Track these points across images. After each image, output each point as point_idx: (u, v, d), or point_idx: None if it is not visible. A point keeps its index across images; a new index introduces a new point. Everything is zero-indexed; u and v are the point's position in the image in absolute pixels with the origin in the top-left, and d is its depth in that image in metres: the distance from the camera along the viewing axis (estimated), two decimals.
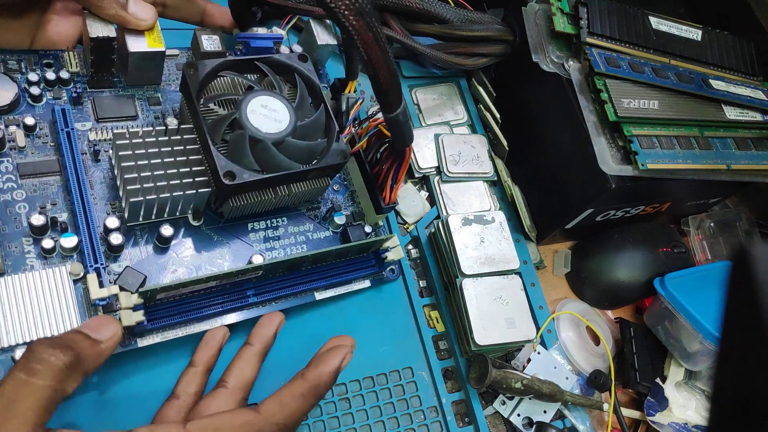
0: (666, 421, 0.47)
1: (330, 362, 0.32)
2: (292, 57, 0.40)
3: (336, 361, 0.33)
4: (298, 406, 0.30)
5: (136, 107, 0.42)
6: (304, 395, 0.31)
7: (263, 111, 0.37)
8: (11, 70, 0.39)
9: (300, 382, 0.31)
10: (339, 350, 0.33)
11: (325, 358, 0.33)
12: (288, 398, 0.30)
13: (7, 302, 0.33)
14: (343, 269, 0.42)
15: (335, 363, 0.33)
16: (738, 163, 0.47)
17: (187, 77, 0.36)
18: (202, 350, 0.36)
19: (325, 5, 0.30)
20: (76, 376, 0.27)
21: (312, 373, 0.32)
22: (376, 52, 0.31)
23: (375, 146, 0.43)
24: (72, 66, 0.40)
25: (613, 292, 0.51)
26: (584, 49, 0.47)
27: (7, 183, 0.36)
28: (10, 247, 0.34)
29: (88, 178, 0.37)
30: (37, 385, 0.25)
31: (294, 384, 0.31)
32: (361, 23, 0.30)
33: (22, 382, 0.25)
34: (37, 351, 0.26)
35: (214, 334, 0.36)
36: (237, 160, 0.36)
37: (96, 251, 0.35)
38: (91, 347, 0.28)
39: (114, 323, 0.30)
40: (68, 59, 0.40)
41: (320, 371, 0.32)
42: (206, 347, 0.36)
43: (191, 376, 0.35)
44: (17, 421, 0.25)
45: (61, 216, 0.36)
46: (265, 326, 0.37)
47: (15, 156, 0.37)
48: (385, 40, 0.32)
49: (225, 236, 0.41)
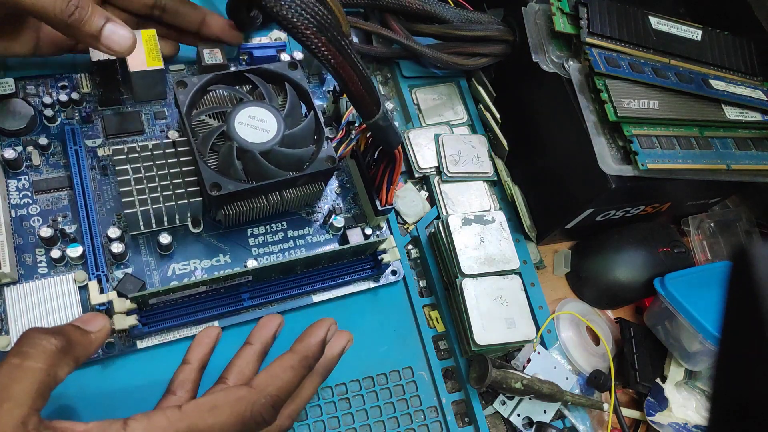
0: (666, 421, 0.47)
1: (316, 333, 0.34)
2: (281, 65, 0.41)
3: (321, 332, 0.34)
4: (289, 378, 0.31)
5: (143, 122, 0.44)
6: (293, 367, 0.32)
7: (251, 122, 0.38)
8: (29, 94, 0.42)
9: (289, 355, 0.32)
10: (323, 322, 0.35)
11: (310, 331, 0.34)
12: (279, 370, 0.31)
13: (19, 308, 0.36)
14: (341, 272, 0.42)
15: (321, 333, 0.34)
16: (738, 163, 0.47)
17: (177, 94, 0.38)
18: (196, 348, 0.36)
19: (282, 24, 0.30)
20: (68, 361, 0.28)
21: (299, 345, 0.33)
22: (342, 64, 0.32)
23: (371, 149, 0.43)
24: (84, 87, 0.43)
25: (613, 292, 0.51)
26: (584, 49, 0.47)
27: (24, 199, 0.39)
28: (24, 258, 0.38)
29: (96, 192, 0.40)
30: (30, 368, 0.26)
31: (284, 358, 0.32)
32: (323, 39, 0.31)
33: (16, 366, 0.26)
34: (30, 336, 0.27)
35: (207, 333, 0.37)
36: (225, 170, 0.37)
37: (98, 260, 0.38)
38: (81, 336, 0.29)
39: (103, 318, 0.31)
40: (81, 81, 0.43)
41: (307, 342, 0.33)
42: (200, 345, 0.36)
43: (185, 373, 0.35)
44: (12, 404, 0.25)
45: (70, 228, 0.39)
46: (265, 327, 0.37)
47: (31, 174, 0.40)
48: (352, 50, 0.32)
49: (225, 242, 0.42)
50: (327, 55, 0.32)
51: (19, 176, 0.40)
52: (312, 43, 0.31)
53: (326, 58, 0.32)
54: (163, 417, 0.27)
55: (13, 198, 0.39)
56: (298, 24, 0.30)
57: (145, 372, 0.37)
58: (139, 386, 0.37)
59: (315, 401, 0.40)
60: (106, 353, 0.37)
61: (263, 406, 0.30)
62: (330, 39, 0.31)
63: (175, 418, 0.28)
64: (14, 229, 0.38)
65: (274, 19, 0.30)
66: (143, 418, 0.27)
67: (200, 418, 0.28)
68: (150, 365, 0.38)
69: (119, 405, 0.36)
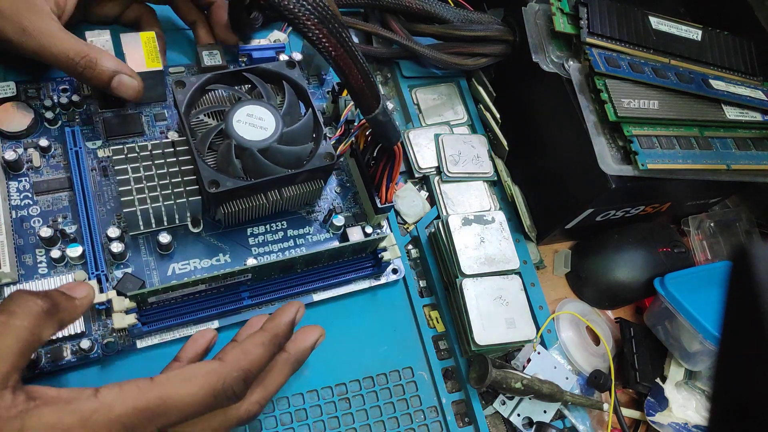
0: (666, 421, 0.47)
1: (285, 314, 0.35)
2: (279, 65, 0.41)
3: (290, 312, 0.35)
4: (260, 353, 0.32)
5: (143, 123, 0.44)
6: (264, 343, 0.32)
7: (249, 120, 0.38)
8: (30, 97, 0.42)
9: (260, 332, 0.33)
10: (292, 305, 0.36)
11: (279, 311, 0.36)
12: (250, 346, 0.32)
13: None
14: (341, 270, 0.42)
15: (290, 314, 0.35)
16: (738, 163, 0.47)
17: (175, 94, 0.38)
18: (190, 347, 0.36)
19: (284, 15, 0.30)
20: (53, 323, 0.29)
21: (270, 323, 0.34)
22: (343, 57, 0.33)
23: (370, 147, 0.43)
24: (84, 90, 0.43)
25: (613, 292, 0.51)
26: (584, 49, 0.47)
27: (25, 200, 0.39)
28: (24, 258, 0.38)
29: (96, 192, 0.41)
30: (15, 326, 0.26)
31: (255, 335, 0.33)
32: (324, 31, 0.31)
33: (2, 323, 0.26)
34: (17, 297, 0.28)
35: (203, 334, 0.37)
36: (224, 168, 0.37)
37: (98, 259, 0.38)
38: (66, 300, 0.30)
39: (87, 286, 0.32)
40: (81, 84, 0.43)
41: (277, 321, 0.34)
42: (194, 344, 0.36)
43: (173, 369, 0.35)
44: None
45: (70, 228, 0.39)
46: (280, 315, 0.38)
47: (32, 175, 0.40)
48: (353, 43, 0.32)
49: (225, 242, 0.42)
50: (328, 47, 0.32)
51: (19, 177, 0.40)
52: (313, 35, 0.31)
53: (327, 49, 0.32)
54: (134, 386, 0.28)
55: (14, 199, 0.39)
56: (300, 15, 0.30)
57: (144, 372, 0.37)
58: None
59: (315, 401, 0.40)
60: (105, 353, 0.37)
61: (234, 380, 0.30)
62: (331, 31, 0.31)
63: (147, 388, 0.28)
64: (15, 229, 0.38)
65: (276, 10, 0.30)
66: (114, 386, 0.28)
67: (172, 389, 0.28)
68: (150, 365, 0.38)
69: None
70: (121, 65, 0.39)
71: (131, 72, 0.39)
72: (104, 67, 0.38)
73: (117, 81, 0.38)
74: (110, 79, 0.38)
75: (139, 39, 0.41)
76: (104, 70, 0.38)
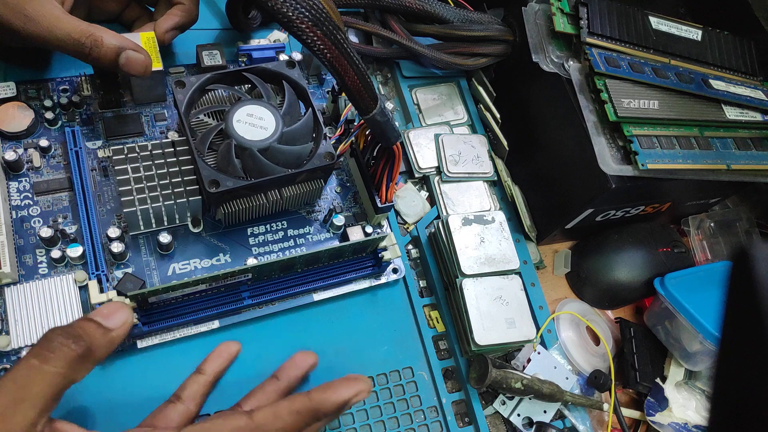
0: (666, 421, 0.47)
1: (340, 391, 0.30)
2: (279, 65, 0.41)
3: (347, 392, 0.30)
4: (293, 422, 0.29)
5: (143, 124, 0.44)
6: (300, 413, 0.29)
7: (249, 120, 0.38)
8: (30, 98, 0.42)
9: (302, 398, 0.30)
10: (354, 382, 0.31)
11: (336, 384, 0.31)
12: (284, 411, 0.29)
13: (19, 308, 0.36)
14: (341, 270, 0.42)
15: (346, 394, 0.30)
16: (738, 163, 0.47)
17: (175, 94, 0.38)
18: (214, 360, 0.36)
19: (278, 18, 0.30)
20: (87, 365, 0.28)
21: (318, 395, 0.30)
22: (338, 58, 0.32)
23: (370, 147, 0.43)
24: (84, 90, 0.43)
25: (613, 292, 0.51)
26: (584, 49, 0.47)
27: (25, 200, 0.39)
28: (24, 258, 0.38)
29: (96, 193, 0.41)
30: (49, 372, 0.26)
31: (295, 399, 0.30)
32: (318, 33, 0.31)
33: (35, 367, 0.26)
34: (52, 339, 0.27)
35: (228, 346, 0.37)
36: (224, 168, 0.37)
37: (98, 259, 0.38)
38: (102, 336, 0.29)
39: (125, 310, 0.31)
40: (81, 84, 0.43)
41: (327, 396, 0.30)
42: (218, 358, 0.36)
43: (198, 384, 0.35)
44: (27, 404, 0.25)
45: (70, 228, 0.39)
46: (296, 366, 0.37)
47: (32, 175, 0.40)
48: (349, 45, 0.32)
49: (225, 241, 0.42)
50: (323, 49, 0.32)
51: (20, 178, 0.40)
52: (307, 37, 0.31)
53: (322, 52, 0.32)
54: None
55: (14, 199, 0.39)
56: (293, 18, 0.30)
57: (145, 372, 0.37)
58: (139, 386, 0.37)
59: None
60: None
61: None
62: (325, 33, 0.31)
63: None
64: (15, 229, 0.38)
65: (270, 13, 0.30)
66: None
67: None
68: (150, 365, 0.38)
69: (119, 405, 0.36)
70: (125, 40, 0.38)
71: (136, 46, 0.38)
72: (110, 43, 0.37)
73: (125, 57, 0.37)
74: (117, 56, 0.37)
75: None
76: (110, 47, 0.37)
